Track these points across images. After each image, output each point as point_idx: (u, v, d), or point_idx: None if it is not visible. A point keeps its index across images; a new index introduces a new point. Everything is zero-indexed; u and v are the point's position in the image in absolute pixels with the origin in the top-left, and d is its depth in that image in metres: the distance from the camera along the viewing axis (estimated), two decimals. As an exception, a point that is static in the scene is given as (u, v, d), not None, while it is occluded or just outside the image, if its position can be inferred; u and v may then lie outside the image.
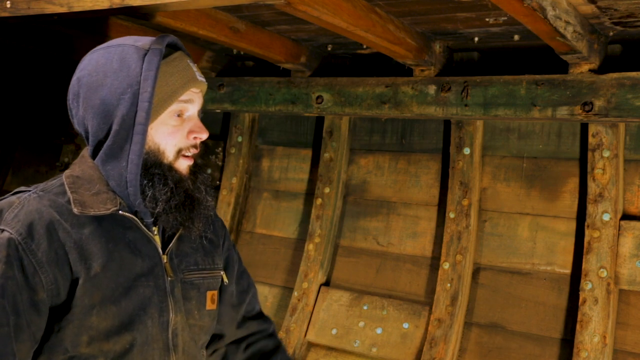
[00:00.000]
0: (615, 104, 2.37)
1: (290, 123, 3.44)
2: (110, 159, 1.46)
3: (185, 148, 1.49)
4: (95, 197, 1.44)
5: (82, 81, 1.46)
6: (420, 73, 2.81)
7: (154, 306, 1.48)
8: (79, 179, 1.47)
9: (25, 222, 1.38)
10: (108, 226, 1.45)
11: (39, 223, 1.38)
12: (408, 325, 2.91)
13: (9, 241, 1.35)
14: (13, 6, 2.14)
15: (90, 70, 1.46)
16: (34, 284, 1.36)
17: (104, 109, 1.43)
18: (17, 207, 1.41)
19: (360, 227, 3.17)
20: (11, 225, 1.37)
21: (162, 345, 1.50)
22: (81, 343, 1.41)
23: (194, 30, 2.45)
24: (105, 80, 1.43)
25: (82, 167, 1.50)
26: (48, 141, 4.16)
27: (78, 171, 1.49)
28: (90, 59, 1.48)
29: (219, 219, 1.79)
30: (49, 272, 1.37)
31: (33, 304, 1.36)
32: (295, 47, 2.99)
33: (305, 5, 1.95)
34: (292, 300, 3.17)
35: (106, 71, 1.44)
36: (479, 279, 2.85)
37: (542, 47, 2.38)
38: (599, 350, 2.45)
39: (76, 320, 1.40)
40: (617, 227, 2.52)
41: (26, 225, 1.37)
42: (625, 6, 2.11)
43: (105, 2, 1.96)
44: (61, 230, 1.40)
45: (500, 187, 2.86)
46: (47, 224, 1.39)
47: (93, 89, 1.44)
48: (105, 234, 1.44)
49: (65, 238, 1.39)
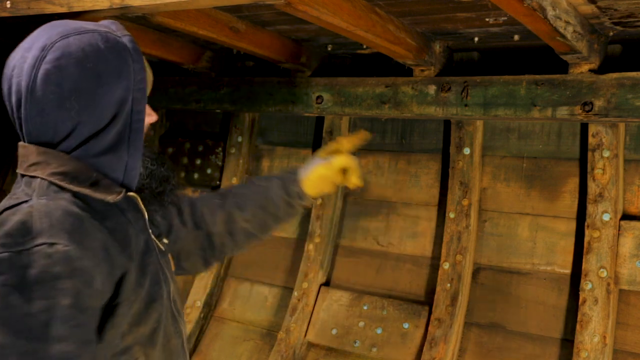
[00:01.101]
0: (615, 104, 2.37)
1: (290, 123, 3.44)
2: (110, 146, 1.38)
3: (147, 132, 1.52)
4: (96, 186, 1.36)
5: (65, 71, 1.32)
6: (420, 73, 2.81)
7: (160, 279, 1.47)
8: (68, 174, 1.35)
9: (65, 228, 1.24)
10: (115, 212, 1.40)
11: (77, 226, 1.27)
12: (408, 325, 2.91)
13: (66, 253, 1.21)
14: (13, 6, 2.14)
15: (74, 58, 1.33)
16: (93, 292, 1.26)
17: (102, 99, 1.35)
18: (43, 215, 1.25)
19: (360, 227, 3.17)
20: (55, 235, 1.22)
21: (170, 315, 1.51)
22: (124, 333, 1.35)
23: (194, 30, 2.45)
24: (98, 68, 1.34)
25: (60, 162, 1.36)
26: (48, 141, 4.16)
27: (60, 167, 1.35)
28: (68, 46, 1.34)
29: None
30: (100, 274, 1.28)
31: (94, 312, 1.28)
32: (295, 47, 2.99)
33: (305, 5, 1.95)
34: (292, 300, 3.17)
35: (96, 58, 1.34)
36: (479, 279, 2.85)
37: (542, 47, 2.38)
38: (599, 350, 2.45)
39: (124, 312, 1.34)
40: (617, 227, 2.52)
41: (68, 231, 1.24)
42: (625, 6, 2.11)
43: (105, 2, 1.96)
44: (94, 227, 1.30)
45: (500, 187, 2.86)
46: (84, 225, 1.28)
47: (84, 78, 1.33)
48: (118, 220, 1.40)
49: (100, 234, 1.31)
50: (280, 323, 3.18)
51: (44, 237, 1.21)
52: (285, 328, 3.13)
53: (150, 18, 2.31)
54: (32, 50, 1.36)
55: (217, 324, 3.41)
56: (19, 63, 1.37)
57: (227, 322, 3.39)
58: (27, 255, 1.19)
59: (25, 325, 1.16)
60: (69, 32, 1.36)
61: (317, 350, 3.11)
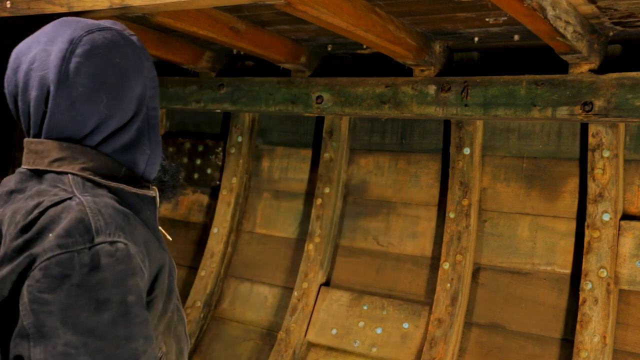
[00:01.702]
0: (615, 104, 2.37)
1: (290, 123, 3.44)
2: (133, 141, 1.38)
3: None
4: (127, 181, 1.35)
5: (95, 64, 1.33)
6: (420, 73, 2.81)
7: (172, 269, 1.46)
8: (98, 170, 1.33)
9: (119, 225, 1.23)
10: (142, 205, 1.39)
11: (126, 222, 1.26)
12: (408, 325, 2.91)
13: (127, 251, 1.21)
14: (13, 6, 2.14)
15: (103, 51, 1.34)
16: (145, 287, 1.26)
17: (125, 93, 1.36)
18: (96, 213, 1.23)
19: (360, 227, 3.17)
20: (113, 233, 1.21)
21: (178, 302, 1.51)
22: (157, 327, 1.35)
23: (194, 30, 2.45)
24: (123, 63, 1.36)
25: (88, 157, 1.34)
26: (48, 141, 4.16)
27: (89, 163, 1.33)
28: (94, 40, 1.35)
29: None
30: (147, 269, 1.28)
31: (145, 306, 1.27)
32: (295, 47, 2.99)
33: (305, 5, 1.95)
34: (292, 300, 3.17)
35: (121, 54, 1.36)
36: (479, 279, 2.85)
37: (542, 47, 2.38)
38: (599, 350, 2.45)
39: (157, 306, 1.33)
40: (617, 227, 2.52)
41: (122, 229, 1.23)
42: (625, 6, 2.11)
43: (105, 2, 1.96)
44: (137, 223, 1.30)
45: (500, 187, 2.86)
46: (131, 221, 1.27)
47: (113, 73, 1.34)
48: (146, 214, 1.39)
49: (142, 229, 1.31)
50: (280, 323, 3.18)
51: (103, 235, 1.20)
52: (285, 328, 3.13)
53: (150, 18, 2.31)
54: (57, 44, 1.34)
55: (217, 324, 3.41)
56: (41, 57, 1.34)
57: (227, 322, 3.39)
58: (89, 254, 1.18)
59: (94, 324, 1.15)
60: (91, 28, 1.37)
61: (317, 350, 3.11)
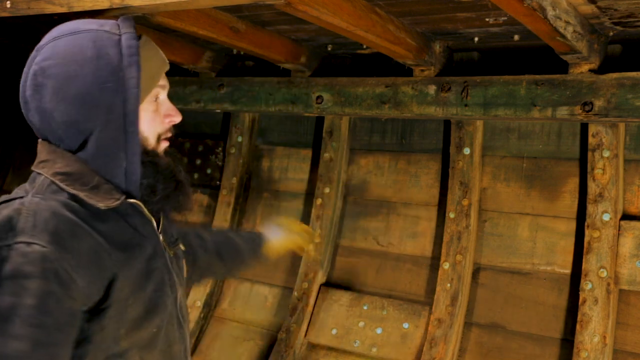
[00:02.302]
0: (615, 104, 2.37)
1: (290, 123, 3.44)
2: (103, 151, 1.37)
3: (163, 132, 1.48)
4: (95, 190, 1.35)
5: (48, 72, 1.35)
6: (420, 73, 2.81)
7: (166, 285, 1.48)
8: (70, 175, 1.35)
9: (48, 229, 1.26)
10: (114, 216, 1.40)
11: (62, 227, 1.28)
12: (408, 325, 2.91)
13: (42, 254, 1.23)
14: (13, 6, 2.13)
15: (58, 59, 1.35)
16: (71, 293, 1.26)
17: (85, 101, 1.34)
18: (30, 214, 1.27)
19: (360, 227, 3.17)
20: (35, 235, 1.24)
21: (176, 321, 1.51)
22: (120, 337, 1.37)
23: (194, 30, 2.45)
24: (82, 70, 1.33)
25: (66, 162, 1.37)
26: (48, 141, 4.15)
27: (64, 168, 1.36)
28: (55, 47, 1.36)
29: None
30: (84, 276, 1.28)
31: (72, 314, 1.28)
32: (295, 47, 2.99)
33: (305, 5, 1.95)
34: (292, 300, 3.17)
35: (80, 60, 1.34)
36: (479, 279, 2.85)
37: (542, 47, 2.38)
38: (599, 350, 2.45)
39: (116, 316, 1.35)
40: (617, 227, 2.52)
41: (50, 232, 1.26)
42: (625, 6, 2.11)
43: (105, 2, 1.96)
44: (82, 230, 1.31)
45: (500, 187, 2.86)
46: (70, 227, 1.29)
47: (66, 79, 1.33)
48: (116, 225, 1.39)
49: (88, 238, 1.31)
50: (280, 323, 3.18)
51: (25, 235, 1.24)
52: (285, 328, 3.13)
53: (150, 18, 2.31)
54: (34, 50, 1.40)
55: (217, 324, 3.41)
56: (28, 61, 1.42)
57: (227, 322, 3.39)
58: (5, 250, 1.23)
59: None
60: (63, 33, 1.38)
61: (317, 350, 3.11)
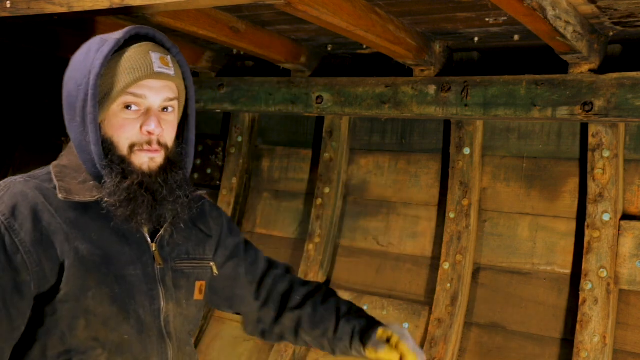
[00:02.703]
0: (615, 104, 2.37)
1: (290, 123, 3.44)
2: (79, 149, 1.48)
3: (138, 143, 1.46)
4: (81, 185, 1.45)
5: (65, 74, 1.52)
6: (420, 73, 2.81)
7: (143, 294, 1.48)
8: (66, 168, 1.49)
9: (10, 203, 1.38)
10: (94, 214, 1.45)
11: (23, 205, 1.39)
12: (408, 325, 2.91)
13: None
14: (13, 6, 2.13)
15: (69, 65, 1.51)
16: (16, 265, 1.35)
17: (69, 102, 1.48)
18: (3, 191, 1.42)
19: (360, 227, 3.17)
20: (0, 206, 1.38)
21: (157, 333, 1.51)
22: (78, 326, 1.40)
23: (194, 30, 2.45)
24: (73, 74, 1.47)
25: (69, 157, 1.52)
26: (48, 141, 4.15)
27: (65, 161, 1.51)
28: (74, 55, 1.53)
29: (216, 211, 1.80)
30: (32, 253, 1.36)
31: (15, 285, 1.35)
32: (295, 47, 2.99)
33: (305, 5, 1.95)
34: (292, 300, 3.17)
35: (74, 64, 1.48)
36: (479, 279, 2.85)
37: (542, 47, 2.38)
38: (599, 350, 2.45)
39: (71, 302, 1.39)
40: (617, 227, 2.51)
41: (10, 206, 1.38)
42: (625, 6, 2.11)
43: (105, 2, 1.96)
44: (46, 212, 1.40)
45: (500, 187, 2.86)
46: (32, 206, 1.39)
47: (65, 82, 1.49)
48: (91, 221, 1.44)
49: (50, 220, 1.40)
50: (280, 323, 3.18)
51: None
52: (285, 328, 3.13)
53: (150, 18, 2.31)
54: None
55: (217, 324, 3.41)
56: None
57: (227, 322, 3.39)
58: None
59: None
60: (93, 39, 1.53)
61: (317, 350, 3.10)
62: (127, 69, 1.44)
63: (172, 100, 1.51)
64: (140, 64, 1.44)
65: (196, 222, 1.68)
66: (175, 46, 1.56)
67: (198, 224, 1.69)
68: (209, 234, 1.72)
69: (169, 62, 1.49)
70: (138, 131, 1.46)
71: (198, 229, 1.68)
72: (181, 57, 1.57)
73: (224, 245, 1.78)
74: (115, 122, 1.45)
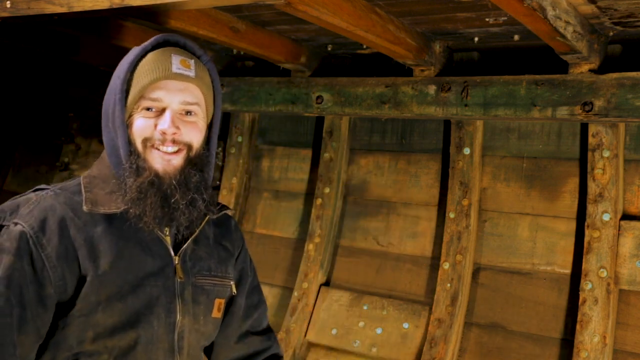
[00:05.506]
0: (615, 104, 2.37)
1: (290, 123, 3.44)
2: (111, 152, 1.52)
3: (151, 139, 1.47)
4: (108, 196, 1.48)
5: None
6: (420, 73, 2.81)
7: (161, 306, 1.48)
8: (95, 179, 1.52)
9: (39, 217, 1.41)
10: (120, 224, 1.47)
11: (52, 219, 1.42)
12: (408, 325, 2.91)
13: (21, 234, 1.39)
14: (13, 6, 2.14)
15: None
16: (42, 278, 1.38)
17: (105, 108, 1.54)
18: (34, 204, 1.44)
19: (360, 227, 3.17)
20: (25, 219, 1.41)
21: (167, 346, 1.51)
22: (86, 339, 1.42)
23: (194, 30, 2.45)
24: (110, 82, 1.54)
25: (100, 167, 1.55)
26: (48, 141, 4.16)
27: (95, 171, 1.55)
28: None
29: (240, 233, 1.79)
30: (57, 267, 1.39)
31: (40, 298, 1.38)
32: (295, 47, 2.99)
33: (305, 5, 1.95)
34: (292, 300, 3.17)
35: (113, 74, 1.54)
36: (479, 279, 2.85)
37: (542, 47, 2.38)
38: (599, 350, 2.45)
39: (82, 317, 1.41)
40: (617, 227, 2.51)
41: (39, 220, 1.41)
42: (625, 6, 2.11)
43: (105, 2, 1.96)
44: (73, 227, 1.43)
45: (500, 187, 2.86)
46: (60, 221, 1.42)
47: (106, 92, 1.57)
48: (116, 232, 1.46)
49: (76, 235, 1.42)
50: (280, 323, 3.18)
51: (19, 218, 1.42)
52: (285, 328, 3.13)
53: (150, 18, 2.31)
54: None
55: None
56: None
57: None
58: (3, 229, 1.43)
59: None
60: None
61: (317, 350, 3.11)
62: (147, 71, 1.48)
63: (192, 104, 1.50)
64: (158, 66, 1.48)
65: (221, 240, 1.68)
66: (206, 54, 1.58)
67: (223, 241, 1.68)
68: (232, 252, 1.71)
69: (190, 65, 1.49)
70: (153, 129, 1.48)
71: (222, 246, 1.68)
72: (211, 65, 1.58)
73: (237, 267, 1.75)
74: (135, 122, 1.49)
